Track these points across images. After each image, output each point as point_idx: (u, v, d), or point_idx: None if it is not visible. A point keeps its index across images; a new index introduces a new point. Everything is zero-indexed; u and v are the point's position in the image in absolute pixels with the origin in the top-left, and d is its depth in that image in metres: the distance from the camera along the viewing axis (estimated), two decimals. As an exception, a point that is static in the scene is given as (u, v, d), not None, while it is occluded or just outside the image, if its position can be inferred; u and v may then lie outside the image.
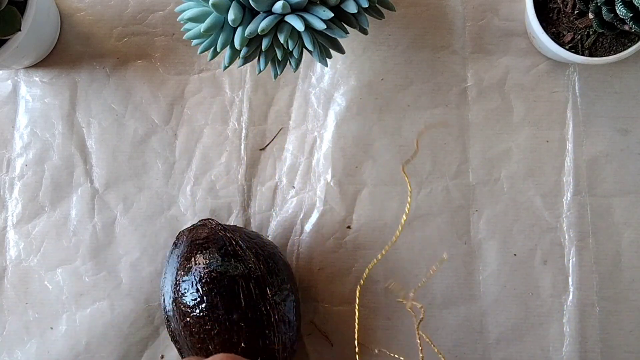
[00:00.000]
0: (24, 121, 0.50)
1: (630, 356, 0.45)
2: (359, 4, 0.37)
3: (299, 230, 0.48)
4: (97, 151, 0.49)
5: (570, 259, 0.46)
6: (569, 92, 0.48)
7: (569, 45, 0.44)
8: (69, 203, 0.49)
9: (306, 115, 0.49)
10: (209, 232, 0.42)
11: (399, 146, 0.48)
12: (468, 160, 0.48)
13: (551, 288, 0.46)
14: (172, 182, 0.49)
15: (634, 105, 0.48)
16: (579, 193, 0.47)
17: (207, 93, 0.49)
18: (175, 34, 0.50)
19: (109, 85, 0.50)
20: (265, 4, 0.36)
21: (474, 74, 0.48)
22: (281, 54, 0.38)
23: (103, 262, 0.48)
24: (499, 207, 0.47)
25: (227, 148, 0.49)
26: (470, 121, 0.48)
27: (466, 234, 0.47)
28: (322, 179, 0.48)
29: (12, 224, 0.49)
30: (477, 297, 0.46)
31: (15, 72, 0.50)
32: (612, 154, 0.47)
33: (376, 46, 0.49)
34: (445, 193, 0.48)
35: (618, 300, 0.46)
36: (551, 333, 0.46)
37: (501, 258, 0.47)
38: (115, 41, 0.50)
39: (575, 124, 0.48)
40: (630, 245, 0.46)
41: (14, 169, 0.49)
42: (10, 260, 0.49)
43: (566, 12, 0.44)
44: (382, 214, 0.47)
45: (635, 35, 0.43)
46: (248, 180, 0.49)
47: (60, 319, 0.48)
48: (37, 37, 0.46)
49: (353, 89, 0.49)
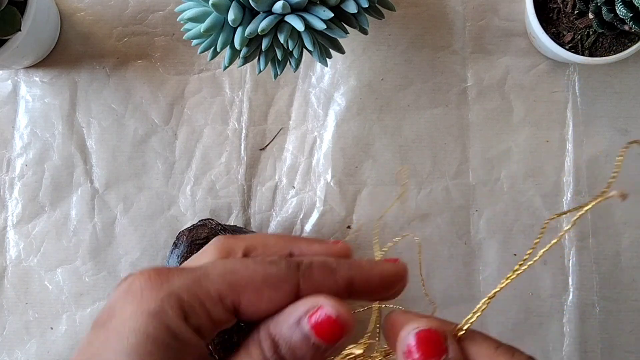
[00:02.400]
0: (24, 121, 0.50)
1: (630, 356, 0.45)
2: (359, 4, 0.37)
3: (299, 230, 0.48)
4: (97, 151, 0.49)
5: (570, 259, 0.46)
6: (569, 92, 0.48)
7: (569, 45, 0.44)
8: (69, 203, 0.49)
9: (306, 115, 0.49)
10: (209, 232, 0.42)
11: (399, 146, 0.48)
12: (468, 160, 0.48)
13: (551, 288, 0.46)
14: (172, 182, 0.49)
15: (634, 105, 0.48)
16: (579, 193, 0.47)
17: (207, 93, 0.49)
18: (175, 34, 0.50)
19: (109, 85, 0.50)
20: (265, 4, 0.36)
21: (474, 74, 0.48)
22: (281, 54, 0.38)
23: (103, 262, 0.48)
24: (499, 207, 0.47)
25: (227, 148, 0.49)
26: (470, 121, 0.48)
27: (466, 234, 0.47)
28: (322, 179, 0.48)
29: (12, 224, 0.49)
30: (477, 297, 0.46)
31: (15, 72, 0.50)
32: (612, 154, 0.47)
33: (376, 46, 0.49)
34: (445, 193, 0.48)
35: (618, 300, 0.46)
36: (551, 333, 0.46)
37: (501, 258, 0.47)
38: (115, 41, 0.50)
39: (575, 124, 0.48)
40: (630, 245, 0.46)
41: (14, 169, 0.49)
42: (10, 260, 0.49)
43: (566, 12, 0.44)
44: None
45: (635, 35, 0.43)
46: (248, 180, 0.49)
47: (60, 319, 0.48)
48: (37, 37, 0.46)
49: (353, 89, 0.49)
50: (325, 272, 0.23)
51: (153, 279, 0.22)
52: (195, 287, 0.22)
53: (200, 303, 0.22)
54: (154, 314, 0.21)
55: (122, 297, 0.22)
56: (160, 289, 0.22)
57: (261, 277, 0.23)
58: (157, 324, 0.21)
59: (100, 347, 0.21)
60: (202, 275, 0.22)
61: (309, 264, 0.23)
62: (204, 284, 0.22)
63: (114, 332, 0.21)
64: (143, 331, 0.20)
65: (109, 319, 0.21)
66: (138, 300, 0.21)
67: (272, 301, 0.22)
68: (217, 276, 0.22)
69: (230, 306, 0.22)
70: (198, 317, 0.21)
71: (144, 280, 0.22)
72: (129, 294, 0.22)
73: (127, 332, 0.21)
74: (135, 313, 0.21)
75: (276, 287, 0.23)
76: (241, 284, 0.22)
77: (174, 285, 0.22)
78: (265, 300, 0.22)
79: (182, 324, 0.21)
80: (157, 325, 0.21)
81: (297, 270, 0.23)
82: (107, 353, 0.20)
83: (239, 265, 0.23)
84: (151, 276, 0.22)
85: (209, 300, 0.22)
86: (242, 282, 0.22)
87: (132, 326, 0.21)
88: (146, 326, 0.21)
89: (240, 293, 0.22)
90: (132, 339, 0.20)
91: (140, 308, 0.21)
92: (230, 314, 0.22)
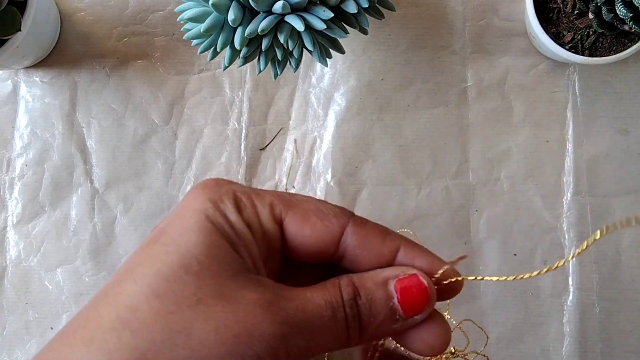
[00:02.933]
0: (24, 121, 0.50)
1: (630, 356, 0.45)
2: (359, 4, 0.37)
3: (299, 230, 0.48)
4: (97, 151, 0.49)
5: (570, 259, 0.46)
6: (569, 92, 0.48)
7: (569, 45, 0.44)
8: (69, 203, 0.49)
9: (306, 115, 0.49)
10: (209, 232, 0.42)
11: (399, 146, 0.48)
12: (468, 160, 0.48)
13: (551, 288, 0.46)
14: (172, 182, 0.49)
15: (634, 105, 0.48)
16: (579, 193, 0.47)
17: (207, 93, 0.49)
18: (175, 34, 0.50)
19: (109, 85, 0.50)
20: (265, 4, 0.36)
21: (474, 74, 0.48)
22: (281, 54, 0.38)
23: (103, 262, 0.48)
24: (499, 207, 0.47)
25: (227, 148, 0.49)
26: (470, 121, 0.48)
27: (466, 234, 0.47)
28: (322, 179, 0.48)
29: (12, 224, 0.49)
30: (477, 297, 0.46)
31: (15, 72, 0.50)
32: (612, 154, 0.47)
33: (376, 46, 0.49)
34: (445, 193, 0.48)
35: (618, 300, 0.46)
36: (551, 333, 0.46)
37: (501, 258, 0.47)
38: (115, 41, 0.50)
39: (575, 124, 0.48)
40: (630, 245, 0.46)
41: (14, 169, 0.49)
42: (10, 260, 0.49)
43: (566, 12, 0.44)
44: (382, 214, 0.47)
45: (635, 35, 0.43)
46: (248, 180, 0.49)
47: (60, 319, 0.48)
48: (37, 37, 0.46)
49: (353, 89, 0.49)
50: (377, 234, 0.24)
51: (211, 182, 0.24)
52: (251, 191, 0.24)
53: (252, 203, 0.23)
54: (213, 201, 0.22)
55: (180, 201, 0.23)
56: (218, 186, 0.23)
57: (314, 206, 0.23)
58: (215, 209, 0.22)
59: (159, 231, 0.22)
60: (259, 189, 0.24)
61: (364, 219, 0.24)
62: (259, 192, 0.24)
63: (177, 218, 0.22)
64: (204, 212, 0.22)
65: (166, 224, 0.22)
66: (198, 194, 0.23)
67: (315, 230, 0.23)
68: (272, 191, 0.24)
69: (278, 216, 0.23)
70: (250, 214, 0.23)
71: (202, 183, 0.24)
72: (188, 196, 0.23)
73: (189, 213, 0.22)
74: (197, 200, 0.22)
75: (324, 218, 0.23)
76: (293, 202, 0.23)
77: (233, 186, 0.24)
78: (309, 225, 0.23)
79: (237, 214, 0.22)
80: (215, 211, 0.22)
81: (350, 216, 0.23)
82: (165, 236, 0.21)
83: (296, 194, 0.24)
84: (212, 180, 0.24)
85: (261, 202, 0.23)
86: (294, 201, 0.23)
87: (195, 208, 0.22)
88: (206, 208, 0.22)
89: (289, 208, 0.23)
90: (193, 220, 0.22)
91: (202, 197, 0.22)
92: (276, 223, 0.23)
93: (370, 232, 0.23)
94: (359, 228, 0.23)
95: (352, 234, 0.23)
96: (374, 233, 0.24)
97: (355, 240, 0.23)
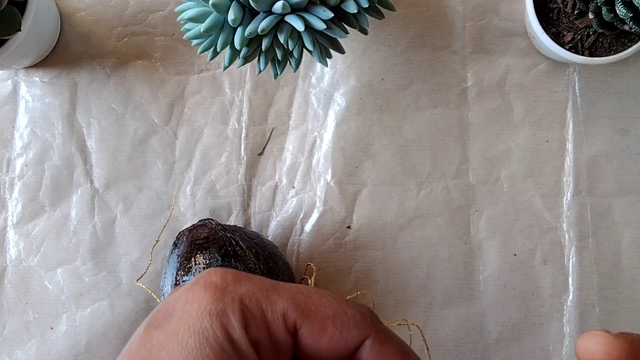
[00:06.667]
0: (24, 121, 0.50)
1: (630, 356, 0.45)
2: (359, 4, 0.37)
3: (299, 230, 0.48)
4: (97, 151, 0.49)
5: (570, 259, 0.46)
6: (569, 92, 0.48)
7: (569, 45, 0.44)
8: (69, 203, 0.49)
9: (306, 115, 0.49)
10: (209, 232, 0.42)
11: (399, 146, 0.48)
12: (468, 160, 0.48)
13: (551, 288, 0.46)
14: (172, 182, 0.49)
15: (634, 105, 0.48)
16: (579, 193, 0.47)
17: (207, 93, 0.49)
18: (175, 34, 0.50)
19: (109, 85, 0.50)
20: (265, 4, 0.36)
21: (474, 74, 0.48)
22: (281, 54, 0.38)
23: (103, 262, 0.48)
24: (499, 207, 0.47)
25: (227, 148, 0.49)
26: (470, 121, 0.48)
27: (466, 234, 0.47)
28: (322, 179, 0.48)
29: (12, 224, 0.49)
30: (477, 297, 0.46)
31: (15, 72, 0.50)
32: (612, 154, 0.47)
33: (376, 46, 0.49)
34: (445, 193, 0.48)
35: (618, 300, 0.46)
36: (551, 333, 0.46)
37: (501, 258, 0.47)
38: (115, 41, 0.50)
39: (575, 124, 0.48)
40: (630, 245, 0.46)
41: (14, 169, 0.49)
42: (10, 260, 0.49)
43: (566, 12, 0.44)
44: (382, 214, 0.47)
45: (635, 35, 0.43)
46: (248, 180, 0.49)
47: (60, 319, 0.48)
48: (37, 37, 0.46)
49: (353, 89, 0.49)
50: (396, 355, 0.21)
51: (219, 280, 0.21)
52: (261, 297, 0.21)
53: (262, 314, 0.20)
54: (216, 315, 0.20)
55: (183, 296, 0.21)
56: (226, 290, 0.20)
57: (333, 311, 0.21)
58: (218, 326, 0.20)
59: (155, 347, 0.20)
60: (272, 287, 0.21)
61: (387, 334, 0.22)
62: (271, 296, 0.21)
63: (172, 333, 0.20)
64: (203, 334, 0.19)
65: (166, 318, 0.20)
66: (201, 299, 0.20)
67: (332, 340, 0.21)
68: (287, 292, 0.21)
69: (292, 327, 0.21)
70: (258, 328, 0.20)
71: (209, 279, 0.21)
72: (191, 293, 0.21)
73: (186, 333, 0.19)
74: (197, 312, 0.20)
75: (344, 328, 0.21)
76: (309, 308, 0.21)
77: (240, 289, 0.21)
78: (327, 336, 0.21)
79: (242, 331, 0.20)
80: (218, 329, 0.20)
81: (372, 328, 0.21)
82: (162, 352, 0.19)
83: (314, 290, 0.21)
84: (218, 276, 0.21)
85: (272, 312, 0.20)
86: (310, 307, 0.21)
87: (193, 326, 0.20)
88: (207, 328, 0.19)
89: (305, 317, 0.21)
90: (191, 341, 0.19)
91: (203, 308, 0.20)
92: (289, 335, 0.21)
93: (389, 353, 0.21)
94: (379, 346, 0.21)
95: (370, 350, 0.21)
96: (393, 354, 0.21)
97: (371, 358, 0.21)
